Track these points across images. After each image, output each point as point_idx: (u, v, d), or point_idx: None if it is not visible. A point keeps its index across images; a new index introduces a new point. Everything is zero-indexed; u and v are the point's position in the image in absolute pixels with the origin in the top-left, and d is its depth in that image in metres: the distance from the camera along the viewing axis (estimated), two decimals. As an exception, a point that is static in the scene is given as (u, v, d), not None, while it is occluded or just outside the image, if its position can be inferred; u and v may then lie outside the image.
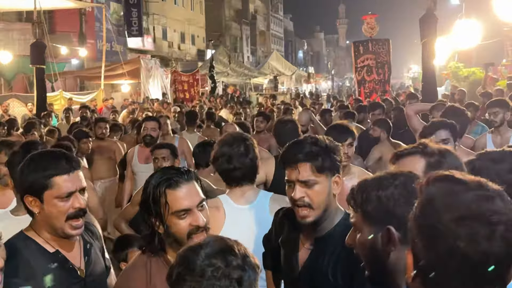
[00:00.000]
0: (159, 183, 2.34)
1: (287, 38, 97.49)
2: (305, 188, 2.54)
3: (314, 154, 2.54)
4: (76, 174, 2.44)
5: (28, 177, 2.42)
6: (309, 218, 2.55)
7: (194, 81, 28.08)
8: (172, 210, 2.30)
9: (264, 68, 43.86)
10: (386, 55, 19.80)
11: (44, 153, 2.53)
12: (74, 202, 2.42)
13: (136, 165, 6.72)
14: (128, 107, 18.62)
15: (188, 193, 2.33)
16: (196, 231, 2.31)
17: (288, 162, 2.60)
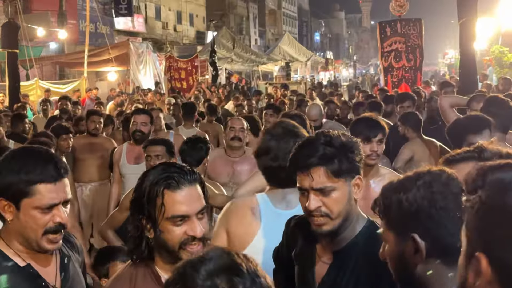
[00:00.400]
0: (157, 180, 2.32)
1: (302, 18, 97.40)
2: (320, 196, 2.50)
3: (329, 157, 2.50)
4: (62, 183, 2.41)
5: (5, 177, 2.38)
6: (326, 226, 2.52)
7: (193, 68, 28.07)
8: (168, 215, 2.29)
9: (274, 53, 43.82)
10: (418, 38, 19.69)
11: (30, 152, 2.47)
12: (55, 216, 2.40)
13: (125, 165, 6.73)
14: (115, 99, 18.65)
15: (188, 197, 2.31)
16: (190, 241, 2.30)
17: (298, 167, 2.56)
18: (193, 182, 2.34)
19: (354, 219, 2.60)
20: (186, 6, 50.98)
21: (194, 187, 2.35)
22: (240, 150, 6.12)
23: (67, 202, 2.45)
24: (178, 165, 2.41)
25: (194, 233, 2.29)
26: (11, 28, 14.58)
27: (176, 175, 2.32)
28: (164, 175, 2.32)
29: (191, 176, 2.35)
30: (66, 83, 22.78)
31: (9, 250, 2.45)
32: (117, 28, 35.91)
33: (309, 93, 17.08)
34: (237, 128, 6.10)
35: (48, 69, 28.17)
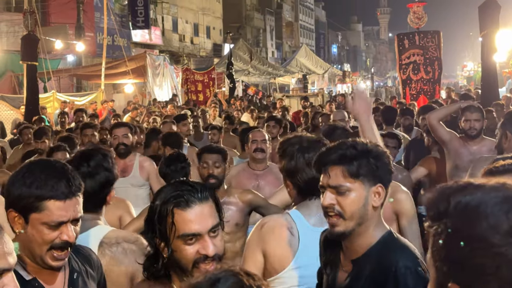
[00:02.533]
0: (168, 199, 2.31)
1: (319, 30, 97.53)
2: (335, 195, 2.54)
3: (348, 157, 2.53)
4: (73, 202, 2.39)
5: (17, 189, 2.37)
6: (338, 227, 2.55)
7: (210, 80, 28.21)
8: (179, 233, 2.28)
9: (292, 65, 43.88)
10: (436, 50, 19.61)
11: (45, 166, 2.45)
12: (63, 234, 2.37)
13: None
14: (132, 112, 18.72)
15: (199, 215, 2.30)
16: (203, 260, 2.28)
17: (321, 165, 2.62)
18: (205, 200, 2.33)
19: (371, 226, 2.60)
20: (203, 18, 51.23)
21: (207, 204, 2.33)
22: (263, 162, 6.10)
23: (77, 220, 2.43)
24: (190, 183, 2.39)
25: (206, 252, 2.28)
26: (31, 40, 14.63)
27: (186, 193, 2.31)
28: (174, 193, 2.32)
29: (202, 194, 2.33)
30: (83, 96, 22.93)
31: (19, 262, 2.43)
32: (134, 41, 36.16)
33: (329, 105, 16.99)
34: (259, 140, 6.08)
35: (65, 82, 28.38)
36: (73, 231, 2.39)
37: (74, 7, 28.82)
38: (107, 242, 3.01)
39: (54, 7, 27.88)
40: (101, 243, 3.00)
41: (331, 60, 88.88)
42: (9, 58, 23.76)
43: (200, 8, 50.46)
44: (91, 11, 30.67)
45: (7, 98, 19.62)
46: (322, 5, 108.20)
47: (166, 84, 26.45)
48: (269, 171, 6.02)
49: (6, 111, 18.37)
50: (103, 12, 25.54)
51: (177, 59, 38.31)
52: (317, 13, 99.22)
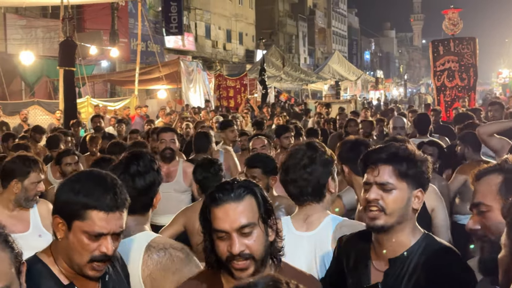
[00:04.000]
0: (208, 196, 2.46)
1: (352, 36, 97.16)
2: (381, 191, 2.64)
3: (399, 157, 2.66)
4: (116, 215, 2.42)
5: (64, 195, 2.43)
6: (378, 220, 2.63)
7: (242, 86, 28.26)
8: (213, 228, 2.41)
9: (324, 71, 43.78)
10: (472, 57, 19.42)
11: (95, 176, 2.50)
12: (102, 246, 2.41)
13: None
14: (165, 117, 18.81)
15: (229, 214, 2.38)
16: (232, 257, 2.37)
17: (368, 163, 2.72)
18: (237, 199, 2.39)
19: (409, 227, 2.69)
20: (236, 24, 51.41)
21: (240, 203, 2.39)
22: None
23: (118, 235, 2.46)
24: (231, 182, 2.47)
25: (231, 250, 2.36)
26: (69, 46, 14.74)
27: (220, 192, 2.41)
28: (213, 190, 2.45)
29: (237, 192, 2.40)
30: (117, 101, 23.12)
31: (55, 267, 2.49)
32: (168, 47, 36.41)
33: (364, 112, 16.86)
34: (258, 148, 6.24)
35: (99, 87, 28.70)
36: (112, 244, 2.43)
37: (109, 14, 29.11)
38: (154, 246, 3.04)
39: (89, 13, 28.21)
40: (148, 246, 3.02)
41: (363, 67, 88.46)
42: (45, 63, 24.07)
43: (233, 15, 50.64)
44: (125, 17, 30.98)
45: (43, 103, 19.85)
46: (355, 11, 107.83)
47: (199, 90, 26.53)
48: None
49: (42, 116, 18.57)
50: (137, 18, 25.74)
51: (210, 65, 38.48)
52: (350, 19, 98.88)
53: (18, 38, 24.31)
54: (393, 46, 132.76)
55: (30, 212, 4.41)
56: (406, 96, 68.84)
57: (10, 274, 1.88)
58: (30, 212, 4.43)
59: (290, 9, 67.28)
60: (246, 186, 2.44)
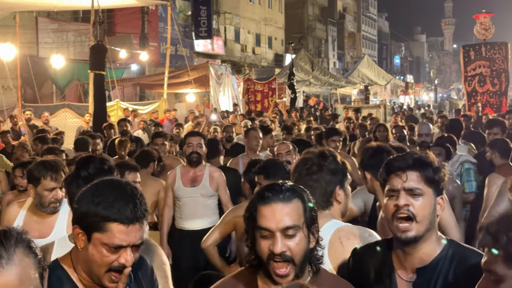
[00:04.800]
0: (256, 194, 2.52)
1: (381, 41, 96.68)
2: (410, 197, 2.62)
3: (425, 163, 2.67)
4: (136, 227, 2.40)
5: (84, 206, 2.42)
6: (411, 232, 2.60)
7: (270, 90, 28.26)
8: (257, 225, 2.44)
9: (353, 76, 43.61)
10: (504, 62, 19.23)
11: (114, 187, 2.47)
12: (121, 258, 2.40)
13: (180, 189, 6.69)
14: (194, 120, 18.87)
15: (275, 213, 2.42)
16: (273, 257, 2.39)
17: (394, 170, 2.70)
18: (286, 200, 2.44)
19: (435, 234, 2.70)
20: (265, 28, 51.47)
21: (287, 205, 2.43)
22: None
23: (138, 246, 2.44)
24: (281, 183, 2.52)
25: (273, 249, 2.38)
26: (99, 50, 14.80)
27: (270, 191, 2.46)
28: (262, 189, 2.52)
29: (286, 194, 2.45)
30: (146, 104, 23.24)
31: (74, 275, 2.50)
32: (197, 51, 36.57)
33: (394, 117, 16.77)
34: (283, 153, 6.17)
35: (129, 90, 28.90)
36: (132, 256, 2.41)
37: (139, 17, 29.35)
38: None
39: (119, 17, 28.46)
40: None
41: (393, 71, 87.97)
42: (75, 67, 24.34)
43: (263, 19, 50.71)
44: (155, 21, 31.20)
45: (73, 106, 20.03)
46: (385, 15, 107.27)
47: (228, 93, 26.57)
48: None
49: (71, 119, 18.76)
50: (167, 22, 25.81)
51: (239, 69, 38.55)
52: (380, 23, 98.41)
53: (50, 41, 24.61)
54: (424, 50, 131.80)
55: (56, 217, 4.39)
56: (436, 101, 68.22)
57: (34, 279, 1.89)
58: (58, 217, 4.40)
59: (320, 13, 67.18)
60: (295, 190, 2.49)
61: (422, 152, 2.76)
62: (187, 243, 6.53)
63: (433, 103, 63.65)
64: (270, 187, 2.50)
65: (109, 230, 2.36)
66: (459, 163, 7.11)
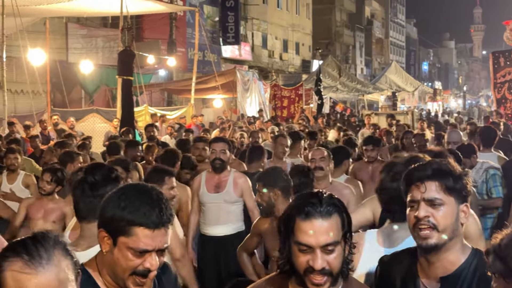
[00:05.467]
0: (294, 205, 2.49)
1: (410, 47, 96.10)
2: (430, 208, 2.60)
3: (445, 172, 2.64)
4: (161, 232, 2.40)
5: (110, 211, 2.43)
6: (431, 239, 2.59)
7: (296, 96, 28.19)
8: (295, 239, 2.42)
9: (381, 82, 43.36)
10: (534, 69, 19.00)
11: (140, 191, 2.48)
12: (146, 262, 2.40)
13: (205, 194, 6.69)
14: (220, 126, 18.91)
15: (316, 229, 2.40)
16: (311, 271, 2.39)
17: (413, 180, 2.68)
18: (326, 215, 2.41)
19: (459, 243, 2.67)
20: (293, 34, 51.47)
21: (327, 220, 2.41)
22: (323, 180, 6.05)
23: (163, 251, 2.44)
24: (319, 196, 2.48)
25: (313, 265, 2.38)
26: (127, 56, 14.87)
27: (309, 205, 2.42)
28: (301, 202, 2.46)
29: (325, 209, 2.42)
30: (174, 110, 23.33)
31: (99, 279, 2.51)
32: (224, 56, 36.69)
33: (420, 124, 16.62)
34: (317, 159, 6.10)
35: (156, 96, 29.09)
36: (157, 260, 2.41)
37: (167, 23, 29.54)
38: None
39: (147, 23, 28.68)
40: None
41: (421, 78, 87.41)
42: (104, 72, 24.55)
43: (290, 25, 50.72)
44: (183, 27, 31.38)
45: (101, 111, 20.14)
46: (414, 21, 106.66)
47: (255, 99, 26.60)
48: (331, 189, 5.94)
49: (100, 124, 18.87)
50: (194, 28, 25.98)
51: (266, 75, 38.57)
52: (408, 30, 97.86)
53: (79, 47, 24.88)
54: (452, 57, 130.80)
55: None
56: (465, 107, 67.61)
57: (71, 281, 1.93)
58: None
59: (348, 19, 67.00)
60: (334, 204, 2.46)
61: (442, 161, 2.73)
62: (210, 249, 6.55)
63: (461, 109, 63.07)
64: (309, 200, 2.45)
65: (134, 234, 2.37)
66: (483, 170, 7.02)
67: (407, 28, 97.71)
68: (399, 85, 44.39)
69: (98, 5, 17.30)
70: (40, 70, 17.81)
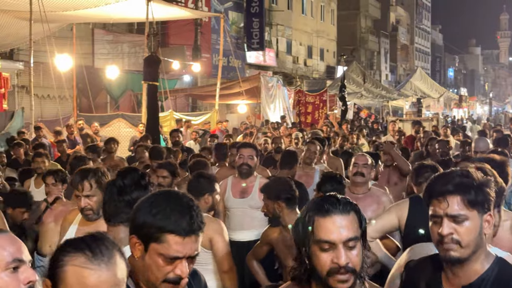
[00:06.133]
0: (312, 207, 2.47)
1: (435, 53, 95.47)
2: (453, 224, 2.57)
3: (466, 186, 2.58)
4: (192, 239, 2.42)
5: (142, 217, 2.45)
6: (454, 252, 2.57)
7: (321, 102, 28.13)
8: (315, 238, 2.41)
9: (406, 88, 43.14)
10: (561, 75, 18.78)
11: (172, 199, 2.50)
12: (177, 269, 2.42)
13: (230, 199, 6.71)
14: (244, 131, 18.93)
15: (337, 224, 2.40)
16: (337, 270, 2.36)
17: (435, 194, 2.63)
18: (345, 212, 2.42)
19: (483, 253, 2.64)
20: (317, 40, 51.41)
21: (347, 217, 2.42)
22: (363, 186, 6.02)
23: (193, 258, 2.46)
24: (336, 196, 2.50)
25: (338, 261, 2.36)
26: (153, 61, 14.95)
27: (328, 203, 2.43)
28: (319, 202, 2.47)
29: (344, 206, 2.43)
30: (198, 115, 23.41)
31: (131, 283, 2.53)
32: (249, 62, 36.72)
33: (443, 130, 16.45)
34: (360, 164, 6.03)
35: (181, 101, 29.20)
36: (187, 267, 2.43)
37: (192, 29, 29.68)
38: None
39: (173, 29, 28.84)
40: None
41: (447, 84, 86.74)
42: (129, 77, 24.73)
43: (315, 31, 50.67)
44: (208, 33, 31.49)
45: (127, 116, 20.27)
46: (439, 28, 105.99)
47: (279, 105, 26.58)
48: (369, 195, 5.95)
49: (125, 129, 18.99)
50: (219, 34, 26.03)
51: (290, 81, 38.52)
52: (433, 36, 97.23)
53: (105, 52, 25.10)
54: (478, 63, 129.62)
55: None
56: (491, 114, 66.93)
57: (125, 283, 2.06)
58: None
59: (372, 25, 66.74)
60: (350, 203, 2.47)
61: (463, 172, 2.65)
62: (234, 254, 6.54)
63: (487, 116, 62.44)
64: (326, 199, 2.46)
65: (165, 241, 2.39)
66: None
67: (433, 34, 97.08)
68: (424, 92, 44.12)
69: (124, 11, 17.44)
70: (66, 75, 17.99)
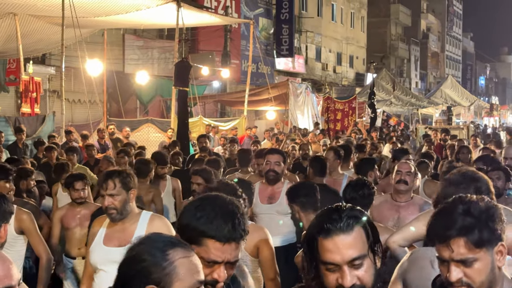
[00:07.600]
0: (315, 224, 2.38)
1: (466, 61, 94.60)
2: (462, 267, 2.41)
3: (469, 227, 2.38)
4: (232, 246, 2.46)
5: (186, 219, 2.51)
6: None
7: (350, 109, 27.99)
8: (320, 259, 2.34)
9: (436, 96, 42.78)
10: None
11: (218, 204, 2.54)
12: (214, 273, 2.44)
13: (258, 205, 6.70)
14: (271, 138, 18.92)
15: (339, 245, 2.30)
16: None
17: (437, 240, 2.47)
18: (347, 230, 2.31)
19: (499, 285, 2.50)
20: (347, 47, 51.26)
21: (350, 234, 2.31)
22: (406, 194, 5.96)
23: (233, 264, 2.49)
24: (340, 210, 2.38)
25: (343, 283, 2.29)
26: (184, 67, 15.04)
27: (328, 222, 2.32)
28: (320, 219, 2.35)
29: (346, 223, 2.31)
30: (227, 121, 23.48)
31: None
32: (278, 69, 36.76)
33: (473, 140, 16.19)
34: (403, 172, 5.96)
35: (210, 107, 29.31)
36: (225, 272, 2.45)
37: (222, 35, 29.77)
38: None
39: (202, 35, 28.96)
40: None
41: (478, 92, 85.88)
42: (159, 83, 24.88)
43: (344, 38, 50.55)
44: (237, 39, 31.58)
45: (156, 121, 20.37)
46: (471, 35, 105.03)
47: (307, 112, 26.54)
48: (412, 203, 5.89)
49: (154, 134, 19.07)
50: (249, 40, 26.13)
51: (319, 88, 38.48)
52: (465, 43, 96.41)
53: (135, 58, 25.31)
54: (510, 71, 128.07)
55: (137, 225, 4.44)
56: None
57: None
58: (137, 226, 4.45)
59: (403, 33, 66.39)
60: (354, 216, 2.35)
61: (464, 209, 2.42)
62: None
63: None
64: (328, 216, 2.34)
65: (206, 245, 2.43)
66: None
67: (464, 42, 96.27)
68: (455, 100, 43.71)
69: (154, 17, 17.57)
70: (97, 80, 18.14)
